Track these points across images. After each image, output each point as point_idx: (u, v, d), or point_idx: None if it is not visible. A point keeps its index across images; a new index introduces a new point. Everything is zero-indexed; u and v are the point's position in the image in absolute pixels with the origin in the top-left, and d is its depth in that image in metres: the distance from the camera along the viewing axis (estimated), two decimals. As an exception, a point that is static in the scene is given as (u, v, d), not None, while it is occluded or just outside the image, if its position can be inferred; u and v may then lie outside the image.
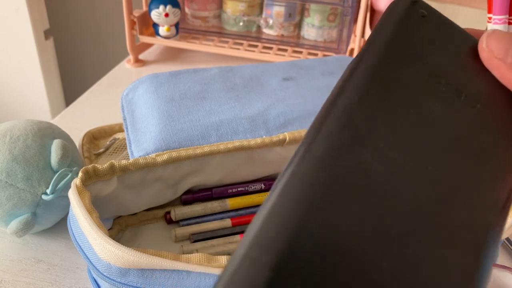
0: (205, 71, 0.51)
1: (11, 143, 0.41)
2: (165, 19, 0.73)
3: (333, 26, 0.75)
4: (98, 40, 1.34)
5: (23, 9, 1.06)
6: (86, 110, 0.66)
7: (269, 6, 0.76)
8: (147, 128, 0.43)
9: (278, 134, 0.44)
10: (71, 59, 1.38)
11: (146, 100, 0.46)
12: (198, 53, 0.82)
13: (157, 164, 0.40)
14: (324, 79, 0.51)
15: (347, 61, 0.55)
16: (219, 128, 0.43)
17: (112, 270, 0.32)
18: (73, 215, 0.35)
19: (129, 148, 0.42)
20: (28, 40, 1.10)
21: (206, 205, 0.45)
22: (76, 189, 0.35)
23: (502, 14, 0.76)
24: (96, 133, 0.51)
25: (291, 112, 0.46)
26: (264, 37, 0.78)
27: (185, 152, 0.41)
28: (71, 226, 0.35)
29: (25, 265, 0.42)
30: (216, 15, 0.80)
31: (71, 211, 0.35)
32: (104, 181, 0.38)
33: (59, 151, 0.42)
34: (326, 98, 0.19)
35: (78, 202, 0.34)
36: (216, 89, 0.48)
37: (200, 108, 0.45)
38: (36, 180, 0.41)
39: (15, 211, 0.41)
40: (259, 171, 0.46)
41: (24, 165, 0.40)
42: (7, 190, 0.40)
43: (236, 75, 0.51)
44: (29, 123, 0.44)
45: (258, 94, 0.48)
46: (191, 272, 0.31)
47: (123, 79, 0.74)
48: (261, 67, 0.52)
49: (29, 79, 1.16)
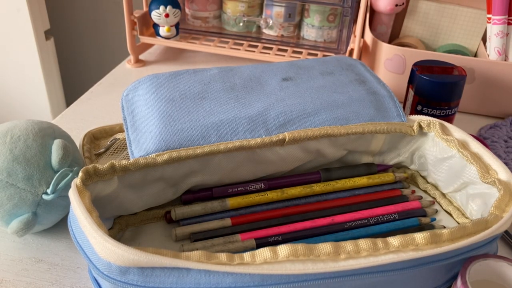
0: (205, 71, 0.51)
1: (12, 143, 0.41)
2: (165, 20, 0.73)
3: (332, 26, 0.75)
4: (98, 40, 1.34)
5: (23, 9, 1.06)
6: (87, 110, 0.66)
7: (269, 6, 0.76)
8: (147, 128, 0.43)
9: (278, 134, 0.44)
10: (71, 59, 1.39)
11: (146, 101, 0.46)
12: (198, 54, 0.83)
13: (157, 164, 0.40)
14: (323, 79, 0.51)
15: (346, 61, 0.55)
16: (219, 128, 0.43)
17: (112, 269, 0.32)
18: (73, 215, 0.35)
19: (130, 148, 0.42)
20: (29, 40, 1.10)
21: (206, 205, 0.45)
22: (76, 188, 0.35)
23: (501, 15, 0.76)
24: (97, 133, 0.51)
25: (290, 112, 0.46)
26: (264, 37, 0.78)
27: (185, 152, 0.41)
28: (72, 226, 0.36)
29: (26, 265, 0.42)
30: (216, 16, 0.81)
31: (71, 211, 0.36)
32: (105, 181, 0.39)
33: (59, 151, 0.42)
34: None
35: (78, 202, 0.34)
36: (216, 89, 0.48)
37: (200, 108, 0.45)
38: (37, 180, 0.41)
39: (16, 211, 0.41)
40: (259, 170, 0.46)
41: (24, 165, 0.41)
42: (7, 190, 0.40)
43: (235, 75, 0.51)
44: (30, 123, 0.44)
45: (257, 94, 0.48)
46: (191, 270, 0.31)
47: (123, 79, 0.74)
48: (261, 67, 0.53)
49: (30, 80, 1.16)
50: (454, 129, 0.47)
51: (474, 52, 0.74)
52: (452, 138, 0.45)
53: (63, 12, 1.31)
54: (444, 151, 0.46)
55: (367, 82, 0.52)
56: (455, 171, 0.45)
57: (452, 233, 0.35)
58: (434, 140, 0.47)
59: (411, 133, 0.48)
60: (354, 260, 0.33)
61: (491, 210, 0.38)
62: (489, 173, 0.42)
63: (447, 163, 0.46)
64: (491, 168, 0.42)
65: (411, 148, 0.50)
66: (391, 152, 0.51)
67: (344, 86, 0.50)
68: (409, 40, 0.74)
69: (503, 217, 0.37)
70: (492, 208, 0.38)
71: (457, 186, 0.46)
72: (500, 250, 0.46)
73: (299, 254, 0.32)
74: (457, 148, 0.44)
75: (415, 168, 0.51)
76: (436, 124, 0.47)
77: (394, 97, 0.50)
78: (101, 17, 1.28)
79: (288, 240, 0.42)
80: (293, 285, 0.32)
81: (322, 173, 0.49)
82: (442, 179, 0.48)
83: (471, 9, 0.72)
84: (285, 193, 0.47)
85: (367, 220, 0.45)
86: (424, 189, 0.51)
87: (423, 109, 0.56)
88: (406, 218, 0.46)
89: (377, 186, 0.50)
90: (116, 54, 1.34)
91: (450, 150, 0.45)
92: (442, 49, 0.74)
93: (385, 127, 0.47)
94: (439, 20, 0.74)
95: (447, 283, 0.39)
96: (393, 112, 0.48)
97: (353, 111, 0.47)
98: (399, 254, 0.33)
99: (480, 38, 0.73)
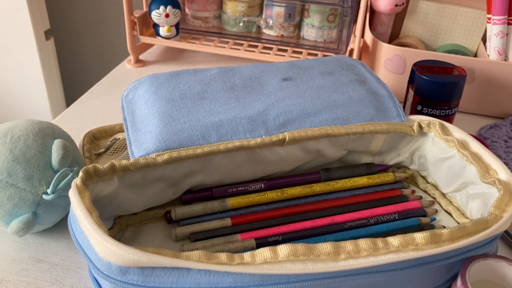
0: (205, 71, 0.51)
1: (12, 143, 0.41)
2: (165, 20, 0.73)
3: (332, 26, 0.76)
4: (98, 40, 1.34)
5: (23, 9, 1.06)
6: (87, 110, 0.66)
7: (269, 6, 0.76)
8: (147, 128, 0.43)
9: (278, 134, 0.44)
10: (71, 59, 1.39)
11: (146, 101, 0.46)
12: (198, 54, 0.83)
13: (157, 164, 0.40)
14: (323, 79, 0.51)
15: (346, 61, 0.55)
16: (219, 128, 0.43)
17: (112, 268, 0.32)
18: (74, 215, 0.35)
19: (130, 148, 0.42)
20: (29, 40, 1.10)
21: (206, 205, 0.45)
22: (76, 188, 0.35)
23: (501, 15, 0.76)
24: (97, 133, 0.51)
25: (290, 112, 0.46)
26: (264, 37, 0.78)
27: (185, 152, 0.41)
28: (72, 226, 0.36)
29: (26, 265, 0.42)
30: (216, 16, 0.81)
31: (71, 211, 0.36)
32: (105, 181, 0.39)
33: (60, 151, 0.42)
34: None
35: (78, 202, 0.34)
36: (216, 89, 0.48)
37: (200, 108, 0.45)
38: (37, 180, 0.41)
39: (16, 211, 0.41)
40: (259, 170, 0.46)
41: (25, 165, 0.41)
42: (8, 190, 0.40)
43: (235, 75, 0.51)
44: (30, 123, 0.44)
45: (257, 94, 0.48)
46: (191, 270, 0.31)
47: (123, 80, 0.74)
48: (261, 67, 0.53)
49: (30, 80, 1.16)
50: (454, 129, 0.47)
51: (474, 52, 0.74)
52: (452, 138, 0.45)
53: (63, 12, 1.31)
54: (444, 151, 0.46)
55: (367, 82, 0.52)
56: (455, 171, 0.45)
57: (452, 233, 0.35)
58: (434, 140, 0.47)
59: (411, 133, 0.48)
60: (354, 260, 0.33)
61: (491, 210, 0.38)
62: (489, 173, 0.42)
63: (447, 163, 0.46)
64: (491, 168, 0.43)
65: (411, 148, 0.50)
66: (391, 152, 0.51)
67: (344, 86, 0.50)
68: (409, 40, 0.74)
69: (503, 217, 0.37)
70: (492, 208, 0.38)
71: (457, 186, 0.46)
72: (500, 250, 0.46)
73: (299, 254, 0.32)
74: (457, 148, 0.44)
75: (415, 168, 0.51)
76: (436, 124, 0.47)
77: (394, 97, 0.50)
78: (101, 17, 1.28)
79: (288, 240, 0.42)
80: (293, 285, 0.32)
81: (322, 173, 0.49)
82: (442, 179, 0.48)
83: (471, 9, 0.72)
84: (285, 193, 0.47)
85: (367, 220, 0.45)
86: (424, 189, 0.51)
87: (423, 109, 0.56)
88: (406, 218, 0.46)
89: (377, 186, 0.50)
90: (116, 54, 1.34)
91: (450, 150, 0.46)
92: (442, 49, 0.74)
93: (385, 127, 0.47)
94: (439, 20, 0.74)
95: (447, 283, 0.39)
96: (393, 112, 0.49)
97: (353, 111, 0.47)
98: (399, 254, 0.33)
99: (480, 38, 0.73)
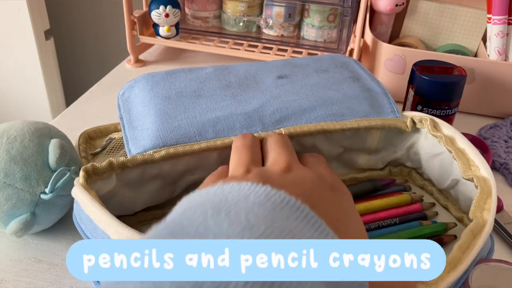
0: (201, 70, 0.51)
1: (8, 144, 0.41)
2: (165, 20, 0.73)
3: (332, 26, 0.75)
4: (98, 40, 1.34)
5: (23, 9, 1.06)
6: (87, 110, 0.66)
7: (269, 6, 0.76)
8: (144, 126, 0.43)
9: (274, 130, 0.44)
10: (71, 59, 1.39)
11: (142, 99, 0.46)
12: (198, 54, 0.82)
13: (154, 161, 0.40)
14: (318, 76, 0.51)
15: (340, 59, 0.55)
16: (216, 125, 0.43)
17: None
18: (83, 214, 0.35)
19: (127, 146, 0.42)
20: (29, 40, 1.10)
21: (205, 205, 0.45)
22: (81, 187, 0.35)
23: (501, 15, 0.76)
24: (92, 133, 0.51)
25: (286, 108, 0.46)
26: (264, 37, 0.78)
27: (182, 148, 0.41)
28: (81, 226, 0.35)
29: (25, 265, 0.42)
30: (216, 16, 0.80)
31: (77, 211, 0.35)
32: (103, 180, 0.39)
33: (57, 150, 0.42)
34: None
35: (89, 199, 0.34)
36: (212, 87, 0.48)
37: (197, 105, 0.45)
38: (35, 180, 0.41)
39: (14, 211, 0.41)
40: (258, 169, 0.46)
41: (22, 165, 0.40)
42: (5, 190, 0.40)
43: (231, 73, 0.51)
44: (26, 123, 0.44)
45: (253, 91, 0.48)
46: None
47: (123, 79, 0.74)
48: (256, 65, 0.53)
49: (30, 79, 1.16)
50: (444, 126, 0.46)
51: (474, 52, 0.74)
52: (440, 134, 0.45)
53: (63, 12, 1.31)
54: (435, 147, 0.46)
55: (361, 79, 0.52)
56: (445, 167, 0.45)
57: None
58: (427, 136, 0.47)
59: (406, 129, 0.48)
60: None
61: (472, 209, 0.37)
62: (471, 169, 0.41)
63: (438, 159, 0.46)
64: (474, 164, 0.42)
65: (406, 144, 0.50)
66: (387, 149, 0.51)
67: (339, 83, 0.50)
68: (409, 40, 0.74)
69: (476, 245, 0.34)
70: (473, 208, 0.37)
71: (449, 183, 0.46)
72: (500, 250, 0.46)
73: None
74: (444, 144, 0.44)
75: (412, 165, 0.51)
76: (427, 120, 0.47)
77: (388, 93, 0.50)
78: (101, 17, 1.28)
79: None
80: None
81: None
82: (435, 175, 0.47)
83: (471, 9, 0.72)
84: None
85: (367, 226, 0.44)
86: (421, 186, 0.51)
87: (423, 109, 0.56)
88: (407, 221, 0.45)
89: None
90: (116, 54, 1.34)
91: (440, 146, 0.45)
92: (442, 49, 0.74)
93: (379, 123, 0.47)
94: (439, 20, 0.74)
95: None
96: (387, 108, 0.49)
97: (348, 107, 0.47)
98: None
99: (480, 38, 0.73)
